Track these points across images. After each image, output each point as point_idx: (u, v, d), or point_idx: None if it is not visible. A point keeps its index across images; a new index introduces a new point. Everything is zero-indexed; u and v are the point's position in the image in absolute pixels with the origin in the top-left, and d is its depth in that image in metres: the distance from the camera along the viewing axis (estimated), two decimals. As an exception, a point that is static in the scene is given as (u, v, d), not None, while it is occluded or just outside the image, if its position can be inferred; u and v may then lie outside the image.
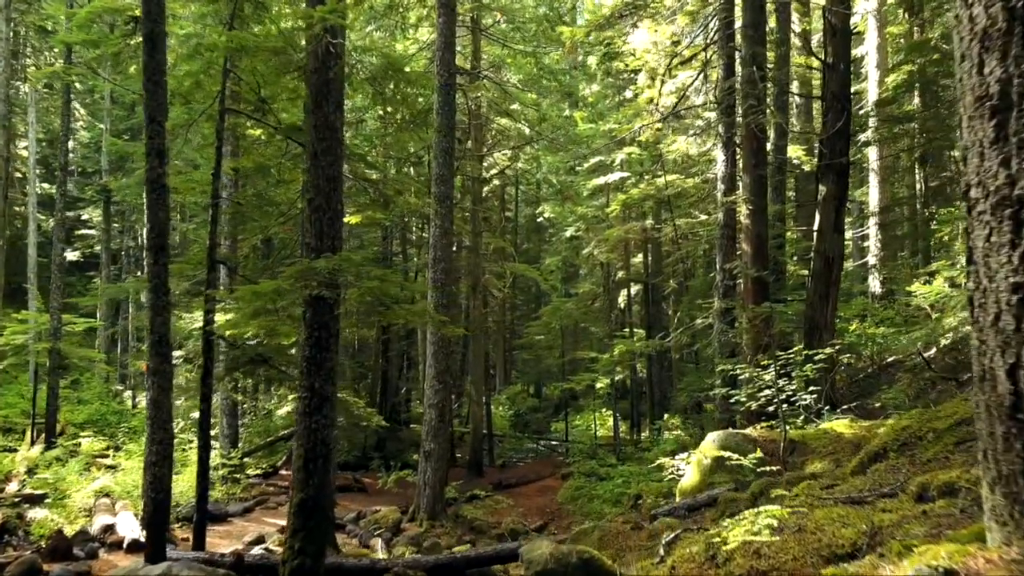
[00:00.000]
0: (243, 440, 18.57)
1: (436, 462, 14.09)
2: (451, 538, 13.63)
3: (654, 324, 24.29)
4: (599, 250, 24.52)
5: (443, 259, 14.26)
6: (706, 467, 8.53)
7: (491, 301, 29.65)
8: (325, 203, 6.97)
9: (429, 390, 14.21)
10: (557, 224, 31.40)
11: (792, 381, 8.55)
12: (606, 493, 16.57)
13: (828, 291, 12.18)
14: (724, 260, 12.93)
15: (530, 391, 39.25)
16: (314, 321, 6.86)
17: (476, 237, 21.45)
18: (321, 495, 6.73)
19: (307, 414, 6.80)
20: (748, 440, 8.35)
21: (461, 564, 8.15)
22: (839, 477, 5.78)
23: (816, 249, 12.33)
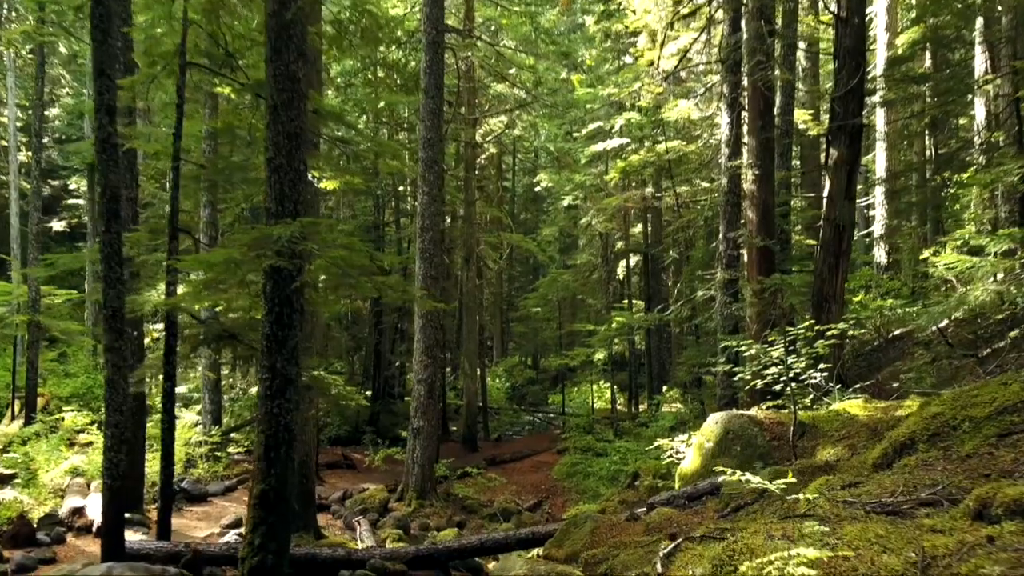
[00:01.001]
0: (228, 416, 18.02)
1: (425, 440, 13.52)
2: (440, 518, 13.12)
3: (654, 296, 23.63)
4: (597, 220, 23.76)
5: (431, 228, 13.55)
6: (708, 451, 7.91)
7: (486, 272, 28.97)
8: (286, 163, 6.25)
9: (418, 365, 13.59)
10: (555, 193, 30.59)
11: (801, 358, 7.90)
12: (602, 470, 16.05)
13: (838, 261, 11.48)
14: (728, 229, 12.22)
15: (528, 362, 38.73)
16: (275, 295, 6.18)
17: (469, 206, 20.70)
18: (284, 486, 6.10)
19: (268, 397, 6.15)
20: (753, 422, 7.73)
21: (443, 555, 7.56)
22: (860, 472, 5.14)
23: (825, 217, 11.60)
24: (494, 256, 25.57)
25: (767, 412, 7.96)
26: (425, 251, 13.50)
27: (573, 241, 34.12)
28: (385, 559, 7.46)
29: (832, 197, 11.48)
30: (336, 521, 12.53)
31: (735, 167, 12.02)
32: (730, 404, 11.83)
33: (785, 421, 7.71)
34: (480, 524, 13.30)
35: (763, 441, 7.52)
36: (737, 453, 7.58)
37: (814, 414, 7.84)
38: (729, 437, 7.73)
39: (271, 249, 5.75)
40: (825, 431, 7.43)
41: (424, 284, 13.48)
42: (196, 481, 13.73)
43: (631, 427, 19.12)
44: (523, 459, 19.51)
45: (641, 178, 23.00)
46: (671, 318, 13.66)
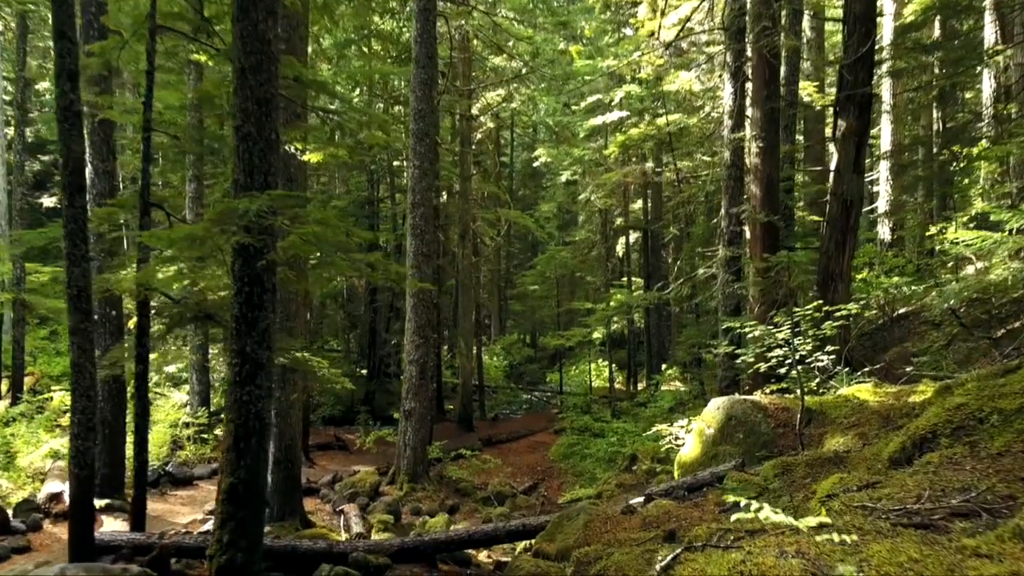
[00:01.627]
0: (217, 396, 17.63)
1: (417, 422, 13.14)
2: (433, 502, 12.78)
3: (653, 273, 23.18)
4: (596, 195, 23.26)
5: (423, 203, 13.06)
6: (709, 438, 7.51)
7: (483, 249, 28.49)
8: (255, 131, 5.76)
9: (409, 345, 13.17)
10: (553, 169, 30.01)
11: (807, 340, 7.48)
12: (599, 451, 15.72)
13: (845, 238, 11.01)
14: (730, 204, 11.74)
15: (526, 340, 38.38)
16: (244, 273, 5.73)
17: (465, 181, 20.18)
18: (255, 478, 5.70)
19: (238, 384, 5.73)
20: (757, 408, 7.32)
21: (429, 548, 7.19)
22: (876, 467, 4.72)
23: (833, 191, 11.12)
24: (491, 233, 25.08)
25: (771, 397, 7.55)
26: (417, 227, 13.02)
27: (572, 217, 33.61)
28: (368, 552, 7.09)
29: (839, 170, 10.99)
30: (325, 506, 12.19)
31: (738, 139, 11.51)
32: (731, 386, 11.44)
33: (791, 407, 7.30)
34: (474, 508, 12.96)
35: (767, 428, 7.12)
36: (740, 441, 7.19)
37: (821, 399, 7.43)
38: (731, 424, 7.33)
39: (237, 224, 5.29)
40: (833, 418, 7.02)
41: (416, 262, 13.02)
42: (182, 464, 13.39)
43: (629, 407, 18.78)
44: (519, 439, 19.19)
45: (641, 152, 22.46)
46: (671, 297, 13.23)
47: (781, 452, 6.89)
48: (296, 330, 10.20)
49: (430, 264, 13.27)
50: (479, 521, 12.28)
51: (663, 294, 13.38)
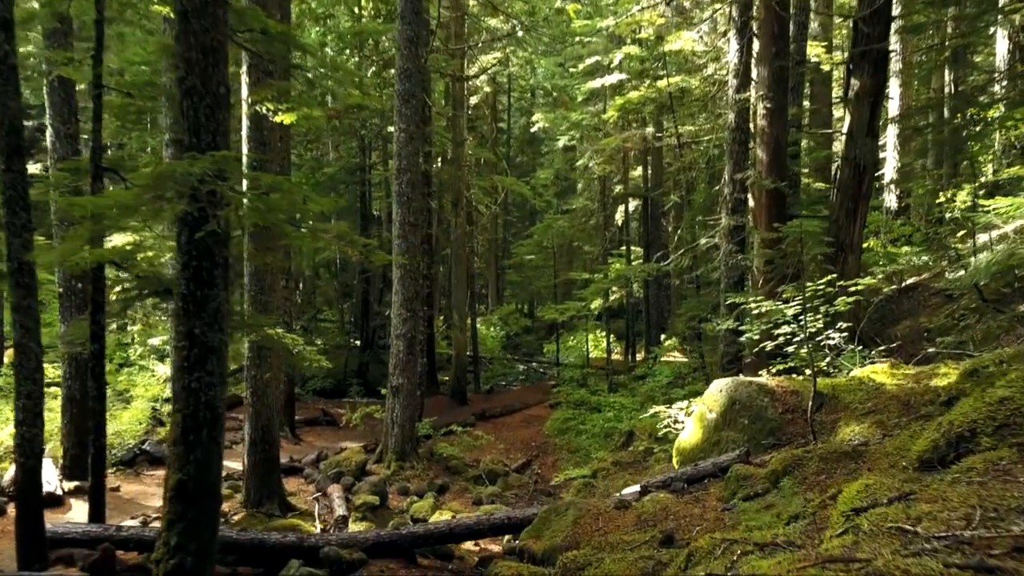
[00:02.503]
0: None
1: (405, 398, 12.59)
2: (422, 481, 12.28)
3: (653, 242, 22.52)
4: (595, 161, 22.49)
5: (409, 169, 12.35)
6: (710, 423, 6.93)
7: (478, 218, 27.76)
8: (201, 84, 5.08)
9: (396, 319, 12.56)
10: (551, 134, 29.15)
11: (817, 316, 6.88)
12: (596, 427, 15.20)
13: (856, 206, 10.37)
14: (734, 169, 11.04)
15: (524, 310, 37.81)
16: (191, 247, 5.08)
17: (458, 147, 19.41)
18: (207, 474, 5.12)
19: (186, 369, 5.11)
20: (763, 391, 6.73)
21: (407, 541, 6.65)
22: (902, 467, 4.13)
23: (844, 156, 10.44)
24: (486, 201, 24.36)
25: (778, 379, 6.96)
26: (403, 195, 12.34)
27: (571, 185, 32.79)
28: (341, 546, 6.56)
29: (852, 133, 10.30)
30: (308, 486, 11.69)
31: (744, 100, 10.79)
32: (733, 362, 10.87)
33: (800, 390, 6.72)
34: (464, 487, 12.47)
35: (774, 414, 6.54)
36: (744, 427, 6.61)
37: (833, 382, 6.84)
38: (735, 408, 6.75)
39: (175, 190, 4.63)
40: (847, 403, 6.43)
41: (402, 231, 12.36)
42: (160, 442, 12.84)
43: (627, 380, 18.25)
44: (514, 413, 18.68)
45: (641, 117, 21.64)
46: (671, 268, 12.59)
47: (789, 440, 6.32)
48: (272, 304, 9.58)
49: (417, 234, 12.61)
50: (468, 501, 11.81)
51: (662, 266, 12.74)
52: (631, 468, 12.21)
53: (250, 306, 9.49)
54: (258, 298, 9.45)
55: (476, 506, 11.66)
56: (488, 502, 11.77)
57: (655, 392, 14.89)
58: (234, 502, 9.80)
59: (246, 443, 9.66)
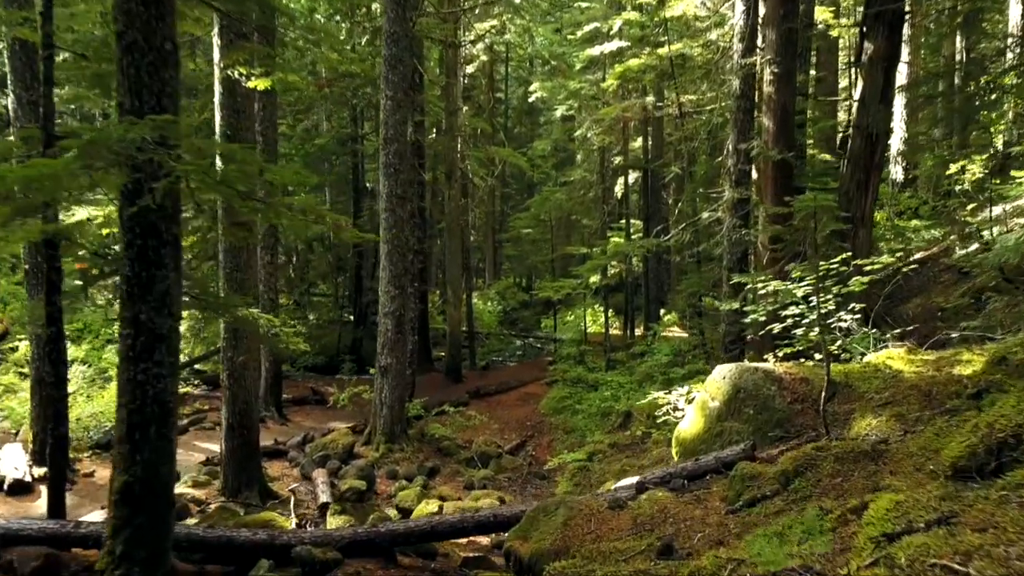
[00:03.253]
0: (190, 346, 16.60)
1: (394, 378, 12.12)
2: (411, 464, 11.86)
3: (653, 215, 21.92)
4: (594, 131, 21.77)
5: (396, 138, 11.75)
6: (713, 412, 6.44)
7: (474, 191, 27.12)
8: (143, 39, 4.50)
9: (384, 296, 12.05)
10: (549, 104, 28.38)
11: (828, 297, 6.36)
12: (592, 407, 14.75)
13: (868, 177, 9.81)
14: (739, 139, 10.44)
15: (522, 284, 37.29)
16: (134, 223, 4.54)
17: (451, 116, 18.73)
18: (156, 475, 4.63)
19: (132, 360, 4.61)
20: (770, 379, 6.23)
21: (385, 540, 6.19)
22: (939, 482, 3.63)
23: (855, 124, 9.85)
24: (481, 172, 23.70)
25: (786, 365, 6.45)
26: (390, 166, 11.75)
27: (569, 156, 32.07)
28: (316, 544, 6.10)
29: (864, 100, 9.70)
30: (293, 470, 11.26)
31: (750, 65, 10.15)
32: (736, 343, 10.36)
33: (810, 377, 6.21)
34: (455, 470, 12.06)
35: (782, 404, 6.04)
36: (750, 417, 6.12)
37: (846, 368, 6.33)
38: (740, 396, 6.25)
39: (109, 159, 4.08)
40: (861, 392, 5.93)
41: (389, 204, 11.80)
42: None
43: (625, 357, 17.78)
44: (509, 391, 18.24)
45: (641, 85, 20.93)
46: (671, 244, 12.03)
47: (799, 432, 5.83)
48: (248, 282, 9.05)
49: (406, 207, 12.04)
50: (460, 485, 11.39)
51: (662, 241, 12.18)
52: (628, 451, 11.78)
53: (225, 284, 8.97)
54: (233, 276, 8.92)
55: (467, 491, 11.25)
56: (480, 486, 11.37)
57: (654, 371, 14.42)
58: (212, 489, 9.37)
59: (223, 428, 9.20)
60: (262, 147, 13.83)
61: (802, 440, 5.68)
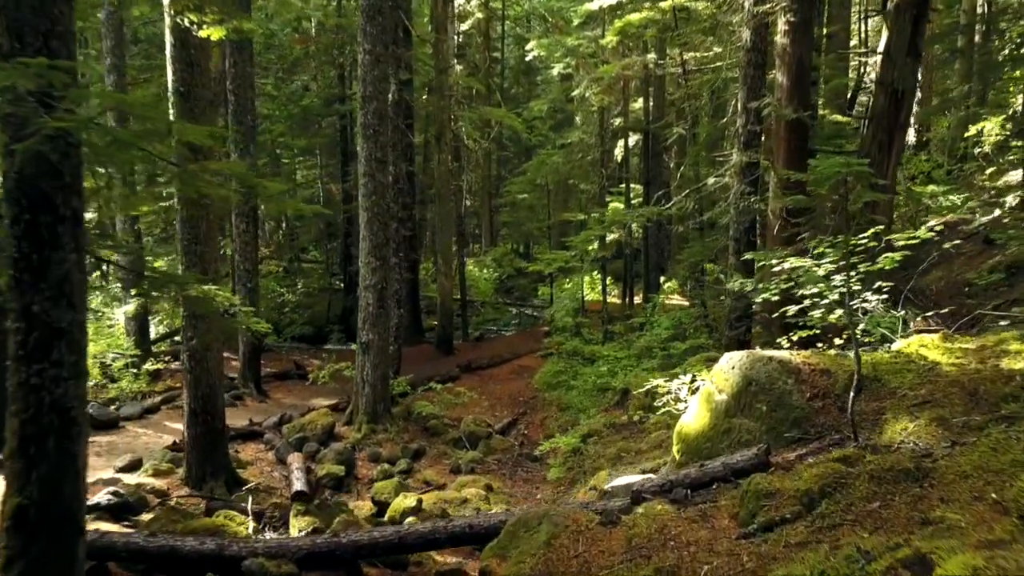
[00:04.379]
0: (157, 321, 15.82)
1: (376, 355, 11.37)
2: (395, 446, 11.17)
3: (654, 179, 21.00)
4: (592, 91, 20.72)
5: (376, 96, 10.83)
6: (720, 406, 5.68)
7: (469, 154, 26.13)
8: (22, -36, 3.62)
9: (364, 268, 11.25)
10: (547, 64, 27.21)
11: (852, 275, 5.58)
12: (588, 382, 14.04)
13: (892, 138, 8.93)
14: (749, 97, 9.54)
15: (519, 250, 36.45)
16: (22, 193, 3.72)
17: (441, 74, 17.70)
18: (57, 497, 3.88)
19: (23, 359, 3.82)
20: (786, 370, 5.45)
21: (347, 552, 5.48)
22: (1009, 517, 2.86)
23: (879, 79, 8.95)
24: (475, 135, 22.70)
25: (804, 354, 5.66)
26: (369, 126, 10.85)
27: (567, 117, 30.96)
28: (269, 556, 5.39)
29: (890, 53, 8.78)
30: (268, 453, 10.56)
31: (763, 13, 9.20)
32: (742, 319, 9.59)
33: (831, 368, 5.43)
34: (442, 451, 11.38)
35: (800, 399, 5.27)
36: (762, 414, 5.36)
37: (874, 358, 5.55)
38: (751, 390, 5.48)
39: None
40: (892, 387, 5.16)
41: (369, 168, 10.92)
42: (107, 403, 11.68)
43: (623, 329, 17.04)
44: (502, 364, 17.53)
45: (642, 42, 19.84)
46: (673, 212, 11.18)
47: (819, 434, 5.07)
48: (209, 256, 8.23)
49: (386, 171, 11.17)
50: (446, 469, 10.72)
51: (663, 209, 11.31)
52: (625, 431, 11.07)
53: (183, 258, 8.16)
54: (191, 249, 8.10)
55: (454, 475, 10.58)
56: (467, 470, 10.70)
57: (653, 345, 13.68)
58: (175, 479, 8.67)
59: (185, 414, 8.47)
60: (234, 107, 12.91)
61: (824, 443, 4.92)
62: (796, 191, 8.92)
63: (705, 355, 10.93)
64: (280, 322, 20.88)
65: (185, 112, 7.95)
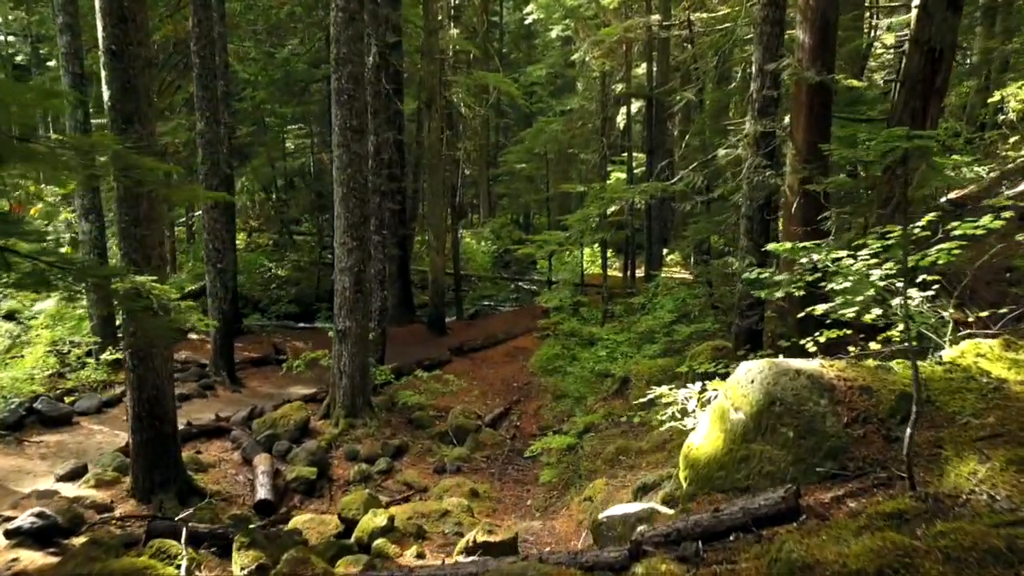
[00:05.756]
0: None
1: (354, 344, 10.45)
2: (375, 442, 10.31)
3: (657, 148, 19.86)
4: (592, 55, 19.52)
5: (350, 59, 9.75)
6: (737, 427, 4.74)
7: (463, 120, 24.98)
8: None
9: (340, 249, 10.27)
10: (546, 25, 25.89)
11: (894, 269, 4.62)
12: (586, 368, 13.13)
13: (927, 104, 7.87)
14: (765, 58, 8.46)
15: (519, 220, 35.40)
16: None
17: (431, 36, 16.53)
18: None
19: None
20: (816, 386, 4.50)
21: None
22: None
23: (914, 38, 7.86)
24: (469, 100, 21.55)
25: (838, 366, 4.70)
26: (343, 92, 9.78)
27: (567, 83, 29.69)
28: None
29: (927, 7, 7.68)
30: (234, 453, 9.68)
31: (783, -38, 8.09)
32: (754, 308, 8.62)
33: (873, 386, 4.48)
34: (426, 448, 10.51)
35: (836, 425, 4.33)
36: (788, 441, 4.42)
37: (924, 373, 4.59)
38: (775, 410, 4.54)
39: None
40: (950, 412, 4.21)
41: (343, 138, 9.89)
42: (59, 397, 10.77)
43: (624, 308, 16.09)
44: (497, 345, 16.67)
45: (645, 2, 18.63)
46: (679, 189, 10.14)
47: (862, 471, 4.13)
48: (151, 240, 7.26)
49: (364, 142, 10.12)
50: (429, 468, 9.88)
51: (668, 184, 10.26)
52: (624, 425, 10.19)
53: (121, 242, 7.19)
54: (130, 232, 7.13)
55: (438, 475, 9.73)
56: (452, 469, 9.86)
57: (655, 330, 12.73)
58: (120, 489, 7.81)
59: (129, 418, 7.57)
60: (198, 70, 11.82)
61: (867, 483, 3.99)
62: (817, 165, 7.92)
63: (712, 344, 10.00)
64: (260, 300, 19.99)
65: (118, 74, 6.92)
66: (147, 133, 7.18)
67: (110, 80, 6.96)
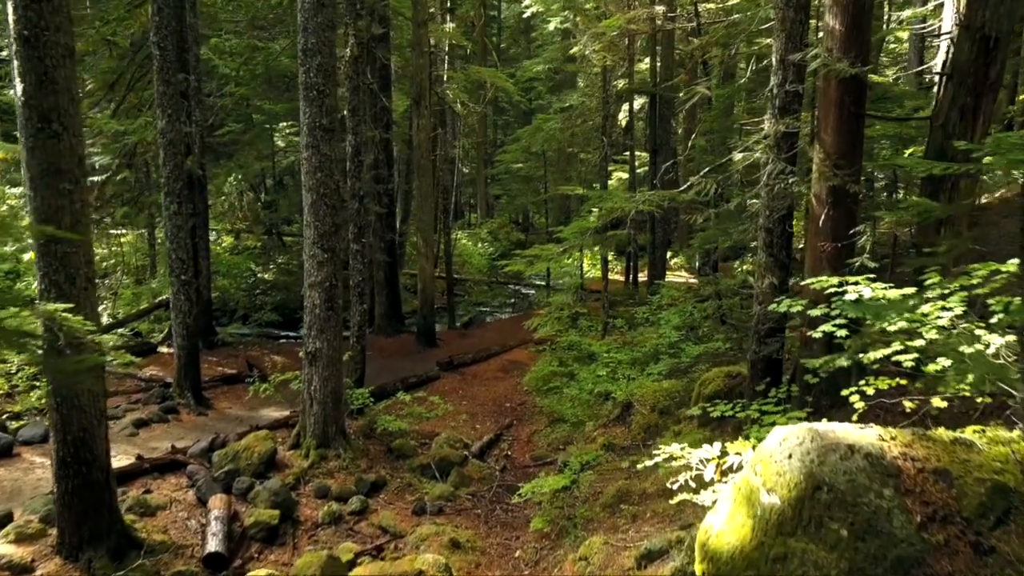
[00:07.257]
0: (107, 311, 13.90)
1: (326, 367, 9.41)
2: (349, 477, 9.28)
3: (661, 147, 18.83)
4: (592, 48, 18.45)
5: (319, 50, 8.70)
6: (770, 514, 3.69)
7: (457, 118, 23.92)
8: None
9: (309, 262, 9.22)
10: (544, 18, 24.82)
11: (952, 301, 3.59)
12: (585, 388, 12.05)
13: (978, 102, 6.82)
14: (788, 48, 7.40)
15: (519, 220, 34.39)
16: None
17: (419, 29, 15.47)
18: None
19: None
20: (876, 470, 3.45)
21: None
22: None
23: (963, 23, 6.81)
24: (464, 98, 20.48)
25: (903, 438, 3.64)
26: (311, 87, 8.73)
27: (566, 79, 28.59)
28: None
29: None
30: (189, 492, 8.61)
31: (810, -63, 7.02)
32: (774, 334, 7.55)
33: (951, 469, 3.44)
34: (405, 483, 9.47)
35: (906, 527, 3.27)
36: (841, 543, 3.37)
37: (1015, 450, 3.53)
38: (822, 498, 3.49)
39: None
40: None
41: (312, 139, 8.84)
42: (3, 424, 9.73)
43: (625, 319, 15.05)
44: (490, 359, 15.65)
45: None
46: (688, 199, 9.07)
47: (945, 595, 3.07)
48: (74, 259, 6.20)
49: (333, 142, 9.07)
50: (408, 508, 8.85)
51: (676, 193, 9.19)
52: (628, 456, 9.15)
53: (38, 260, 6.15)
54: (49, 249, 6.09)
55: (416, 516, 8.70)
56: (434, 510, 8.82)
57: (660, 347, 11.69)
58: (44, 544, 6.76)
59: (53, 465, 6.54)
60: (159, 64, 10.77)
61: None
62: (850, 171, 6.87)
63: (724, 371, 8.95)
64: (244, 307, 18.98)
65: (33, 65, 5.89)
66: (69, 133, 6.14)
67: (24, 72, 5.92)
